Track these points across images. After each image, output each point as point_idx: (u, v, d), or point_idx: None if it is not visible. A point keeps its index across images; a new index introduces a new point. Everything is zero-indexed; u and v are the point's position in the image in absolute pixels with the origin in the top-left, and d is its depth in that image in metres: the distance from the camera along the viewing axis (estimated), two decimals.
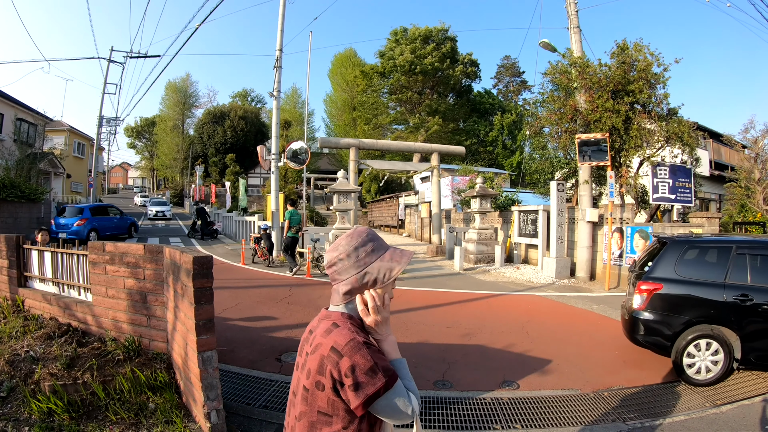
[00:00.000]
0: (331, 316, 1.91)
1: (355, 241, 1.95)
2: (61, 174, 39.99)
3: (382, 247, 1.98)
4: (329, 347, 1.74)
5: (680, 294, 6.90)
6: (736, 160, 27.87)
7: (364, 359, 1.69)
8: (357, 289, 1.92)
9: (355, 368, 1.67)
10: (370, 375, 1.68)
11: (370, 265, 1.91)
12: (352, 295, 1.94)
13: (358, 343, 1.72)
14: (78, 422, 4.63)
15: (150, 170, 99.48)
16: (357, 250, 1.92)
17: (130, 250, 5.72)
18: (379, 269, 1.91)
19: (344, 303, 1.96)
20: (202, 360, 4.47)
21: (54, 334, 6.32)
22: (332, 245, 2.01)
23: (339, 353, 1.70)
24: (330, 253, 1.98)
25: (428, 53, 51.83)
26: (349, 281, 1.91)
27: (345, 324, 1.84)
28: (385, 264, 1.92)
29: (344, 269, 1.93)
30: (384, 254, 1.95)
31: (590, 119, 15.43)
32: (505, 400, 5.98)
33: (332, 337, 1.77)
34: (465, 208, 25.50)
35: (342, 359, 1.69)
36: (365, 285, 1.91)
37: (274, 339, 8.58)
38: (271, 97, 21.35)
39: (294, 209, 17.12)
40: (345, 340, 1.73)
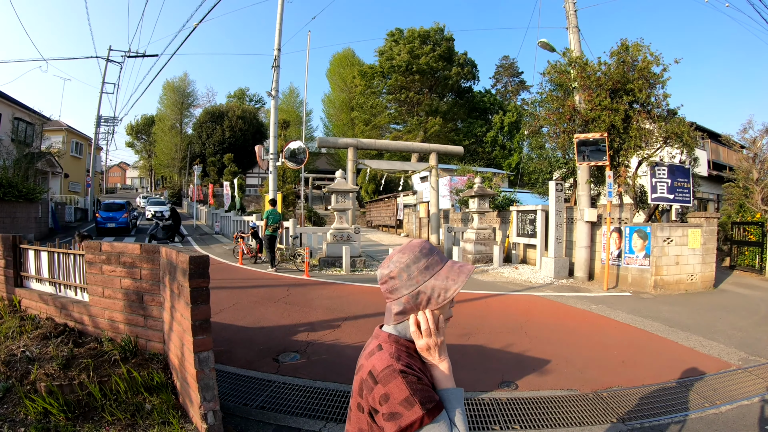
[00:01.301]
0: (380, 337, 1.83)
1: (407, 257, 1.80)
2: (58, 174, 39.89)
3: (438, 263, 1.81)
4: (368, 371, 1.67)
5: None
6: (734, 160, 27.93)
7: (398, 389, 1.56)
8: (410, 310, 1.78)
9: (389, 397, 1.56)
10: (405, 406, 1.54)
11: (424, 284, 1.76)
12: (406, 315, 1.80)
13: (394, 371, 1.60)
14: (74, 423, 4.60)
15: (148, 170, 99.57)
16: (409, 267, 1.78)
17: (126, 249, 5.70)
18: (433, 288, 1.75)
19: (397, 323, 1.83)
20: (198, 360, 4.44)
21: (50, 335, 6.30)
22: (385, 261, 1.88)
23: (374, 379, 1.62)
24: (381, 269, 1.85)
25: (425, 53, 51.89)
26: (400, 301, 1.78)
27: (388, 347, 1.73)
28: (440, 283, 1.75)
29: (396, 288, 1.79)
30: (440, 271, 1.79)
31: (589, 118, 15.42)
32: (503, 400, 5.96)
33: (372, 360, 1.69)
34: (463, 208, 25.55)
35: (376, 386, 1.60)
36: (419, 305, 1.76)
37: (271, 339, 8.55)
38: (269, 97, 21.38)
39: (273, 209, 18.48)
40: (382, 366, 1.63)
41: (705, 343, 8.69)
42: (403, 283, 1.77)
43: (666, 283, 14.21)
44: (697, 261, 14.74)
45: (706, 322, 10.50)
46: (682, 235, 14.52)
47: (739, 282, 16.36)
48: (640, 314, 11.04)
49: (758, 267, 17.98)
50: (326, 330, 9.11)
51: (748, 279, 17.12)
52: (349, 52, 71.24)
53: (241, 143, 63.69)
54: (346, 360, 7.23)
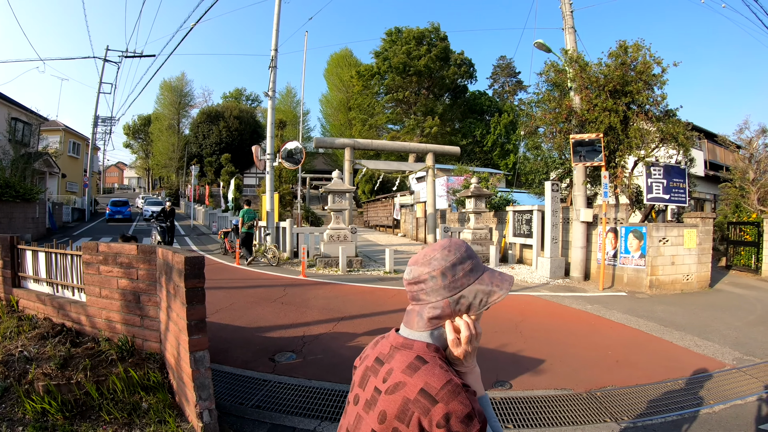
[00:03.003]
0: (414, 347, 1.59)
1: (454, 256, 1.61)
2: (56, 174, 39.89)
3: (480, 267, 1.65)
4: (418, 389, 1.43)
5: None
6: (730, 161, 27.99)
7: (462, 405, 1.39)
8: (447, 315, 1.60)
9: (451, 416, 1.38)
10: (466, 422, 1.38)
11: (467, 288, 1.59)
12: (441, 321, 1.61)
13: (457, 386, 1.43)
14: (71, 422, 4.63)
15: (145, 170, 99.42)
16: (455, 267, 1.60)
17: (123, 250, 5.72)
18: (476, 294, 1.59)
19: (428, 329, 1.62)
20: (194, 360, 4.47)
21: (48, 335, 6.33)
22: (422, 258, 1.67)
23: (432, 398, 1.40)
24: (419, 267, 1.65)
25: (422, 54, 51.92)
26: (438, 304, 1.59)
27: (434, 360, 1.53)
28: (484, 288, 1.60)
29: (435, 289, 1.60)
30: (482, 276, 1.63)
31: (586, 119, 15.45)
32: (497, 399, 5.98)
33: (421, 376, 1.46)
34: (460, 208, 25.57)
35: (436, 406, 1.39)
36: (457, 311, 1.59)
37: (267, 339, 8.58)
38: (266, 97, 21.39)
39: (249, 208, 20.00)
40: (440, 382, 1.43)
41: (700, 343, 8.72)
42: (446, 284, 1.59)
43: (662, 283, 14.24)
44: (692, 261, 14.77)
45: (701, 321, 10.53)
46: (678, 235, 14.55)
47: (735, 282, 16.40)
48: (635, 314, 11.07)
49: (754, 267, 18.03)
50: (322, 330, 9.12)
51: (744, 279, 17.17)
52: (347, 52, 71.30)
53: (238, 143, 63.64)
54: (341, 360, 7.25)
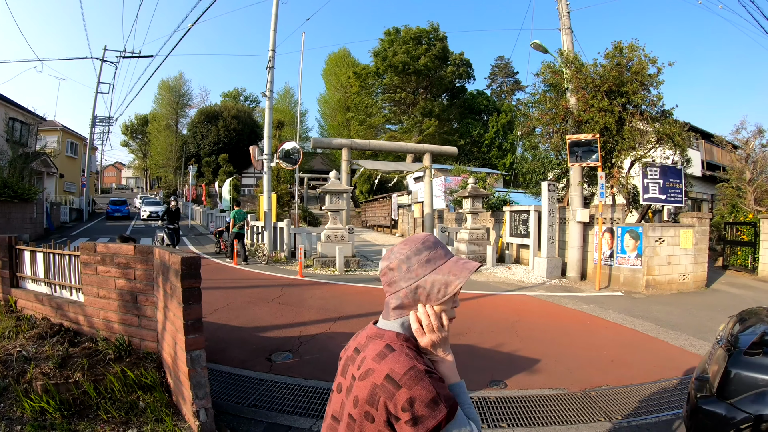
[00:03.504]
0: (384, 336, 1.68)
1: (409, 249, 1.72)
2: (53, 174, 39.87)
3: (441, 257, 1.73)
4: (383, 375, 1.51)
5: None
6: (728, 161, 28.00)
7: (425, 390, 1.46)
8: (408, 305, 1.70)
9: (415, 401, 1.44)
10: (431, 407, 1.45)
11: (423, 278, 1.67)
12: (404, 310, 1.71)
13: (419, 372, 1.49)
14: (70, 421, 4.67)
15: (143, 170, 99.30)
16: (409, 259, 1.70)
17: (120, 250, 5.76)
18: (433, 283, 1.67)
19: (397, 319, 1.72)
20: (190, 359, 4.52)
21: (46, 334, 6.36)
22: (387, 252, 1.81)
23: (396, 384, 1.48)
24: (383, 261, 1.79)
25: (421, 54, 51.95)
26: (399, 295, 1.71)
27: (401, 348, 1.61)
28: (441, 277, 1.67)
29: (394, 280, 1.72)
30: (442, 266, 1.70)
31: (582, 119, 15.51)
32: (492, 399, 6.03)
33: (387, 363, 1.54)
34: (457, 208, 25.59)
35: (399, 391, 1.46)
36: (417, 300, 1.69)
37: (264, 339, 8.63)
38: (263, 98, 21.41)
39: (239, 209, 20.49)
40: (403, 368, 1.50)
41: (695, 343, 8.76)
42: (402, 275, 1.70)
43: (658, 283, 14.29)
44: (689, 261, 14.82)
45: (697, 321, 10.57)
46: (674, 236, 14.60)
47: (731, 282, 16.45)
48: (631, 314, 11.12)
49: (751, 267, 18.07)
50: (319, 330, 9.16)
51: (740, 279, 17.22)
52: (345, 52, 71.28)
53: (236, 143, 63.56)
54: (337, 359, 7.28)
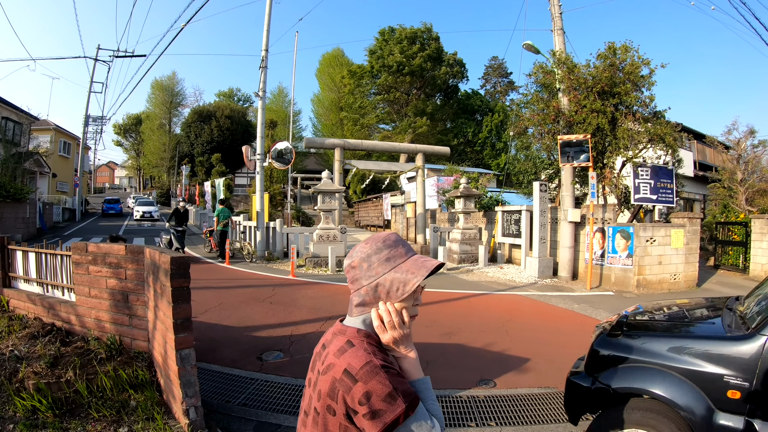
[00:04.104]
0: (346, 332, 1.71)
1: (370, 247, 1.76)
2: (46, 173, 39.76)
3: (402, 256, 1.76)
4: (342, 370, 1.55)
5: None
6: (720, 161, 28.11)
7: (381, 384, 1.49)
8: (369, 302, 1.74)
9: (371, 395, 1.47)
10: (389, 401, 1.47)
11: (383, 276, 1.71)
12: (366, 308, 1.75)
13: (375, 367, 1.52)
14: (61, 420, 4.70)
15: (136, 169, 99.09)
16: (370, 257, 1.74)
17: (111, 250, 5.79)
18: (392, 281, 1.69)
19: (359, 316, 1.76)
20: (180, 358, 4.56)
21: (38, 334, 6.38)
22: (350, 250, 1.85)
23: (353, 378, 1.51)
24: (346, 258, 1.83)
25: (415, 53, 51.94)
26: (360, 292, 1.74)
27: (361, 343, 1.63)
28: (400, 276, 1.69)
29: (356, 278, 1.76)
30: (402, 264, 1.73)
31: (574, 120, 15.57)
32: (481, 398, 6.08)
33: (346, 358, 1.57)
34: (450, 208, 25.64)
35: (356, 385, 1.50)
36: (377, 298, 1.72)
37: (255, 338, 8.68)
38: (256, 97, 21.43)
39: (223, 207, 20.86)
40: (360, 363, 1.53)
41: None
42: (363, 273, 1.74)
43: (649, 282, 14.36)
44: (680, 261, 14.89)
45: None
46: (665, 235, 14.67)
47: (722, 281, 16.54)
48: None
49: (742, 266, 18.17)
50: (310, 329, 9.21)
51: (731, 278, 17.31)
52: (339, 52, 71.20)
53: (230, 143, 63.38)
54: None
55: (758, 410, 3.31)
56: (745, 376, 3.37)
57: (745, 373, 3.37)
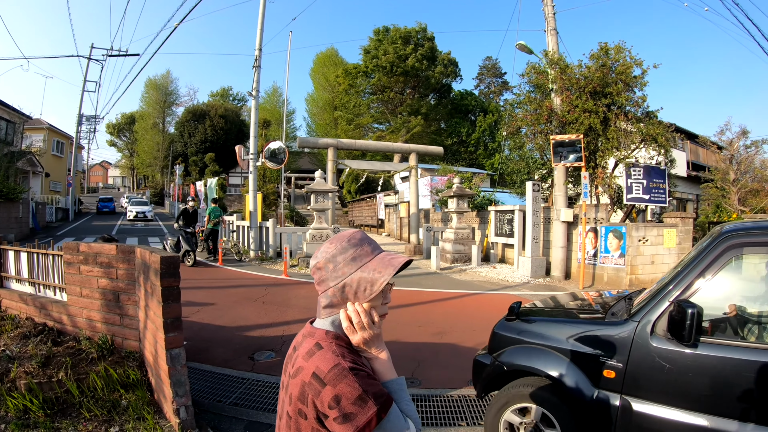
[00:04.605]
0: (315, 334, 1.69)
1: (335, 247, 1.72)
2: (39, 173, 39.55)
3: (368, 254, 1.72)
4: (310, 373, 1.53)
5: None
6: (713, 161, 28.17)
7: (350, 388, 1.46)
8: (337, 303, 1.71)
9: (341, 398, 1.45)
10: (359, 404, 1.45)
11: (349, 276, 1.67)
12: (334, 309, 1.72)
13: (343, 370, 1.50)
14: (53, 419, 4.72)
15: (130, 169, 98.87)
16: (335, 258, 1.70)
17: (102, 250, 5.80)
18: (359, 281, 1.66)
19: (327, 317, 1.73)
20: (170, 357, 4.58)
21: (30, 334, 6.38)
22: (316, 252, 1.79)
23: (321, 381, 1.49)
24: (312, 259, 1.78)
25: (409, 53, 51.97)
26: (327, 294, 1.71)
27: (329, 345, 1.61)
28: (367, 275, 1.66)
29: (323, 279, 1.72)
30: (368, 263, 1.70)
31: (567, 120, 15.61)
32: (472, 397, 6.10)
33: (314, 361, 1.56)
34: (443, 208, 25.68)
35: (325, 388, 1.48)
36: (345, 299, 1.69)
37: (248, 338, 8.71)
38: (250, 97, 21.44)
39: (215, 206, 20.62)
40: (328, 366, 1.51)
41: None
42: (329, 274, 1.70)
43: (641, 281, 14.37)
44: (672, 260, 14.90)
45: None
46: (658, 235, 14.72)
47: None
48: None
49: None
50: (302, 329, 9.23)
51: None
52: (333, 51, 71.18)
53: (224, 142, 63.10)
54: None
55: (632, 388, 3.69)
56: (619, 358, 3.77)
57: (619, 354, 3.78)
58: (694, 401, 3.46)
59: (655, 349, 3.60)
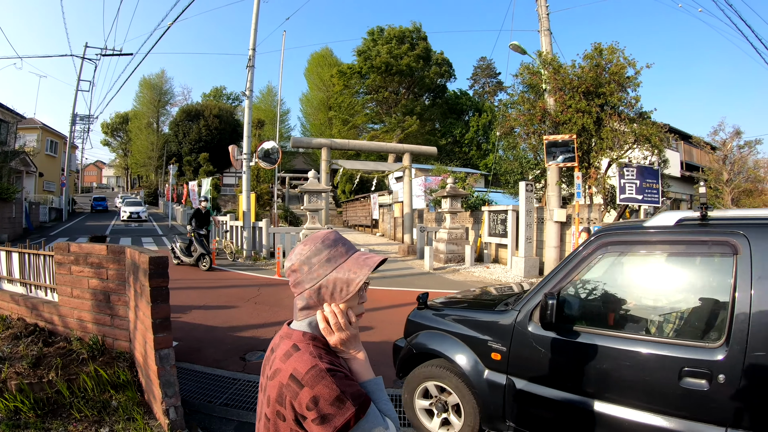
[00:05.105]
0: (292, 336, 1.68)
1: (309, 249, 1.72)
2: (33, 173, 39.52)
3: (343, 255, 1.72)
4: (288, 375, 1.53)
5: None
6: (706, 162, 28.27)
7: (328, 389, 1.47)
8: (314, 305, 1.70)
9: (318, 400, 1.46)
10: (337, 405, 1.46)
11: (325, 278, 1.67)
12: (311, 311, 1.71)
13: (320, 371, 1.50)
14: (43, 420, 4.72)
15: (124, 168, 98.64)
16: (310, 259, 1.70)
17: (93, 250, 5.80)
18: (335, 282, 1.67)
19: (305, 319, 1.73)
20: (159, 357, 4.59)
21: (21, 334, 6.39)
22: (290, 252, 1.80)
23: (299, 383, 1.50)
24: (286, 261, 1.77)
25: (404, 53, 52.01)
26: (303, 296, 1.71)
27: (306, 347, 1.61)
28: (342, 276, 1.67)
29: (299, 281, 1.71)
30: (343, 263, 1.70)
31: (560, 120, 15.64)
32: None
33: (291, 362, 1.56)
34: (437, 208, 25.69)
35: (302, 390, 1.48)
36: (322, 300, 1.69)
37: (239, 338, 8.72)
38: (244, 97, 21.43)
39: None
40: (305, 368, 1.52)
41: None
42: (304, 276, 1.70)
43: None
44: None
45: None
46: None
47: None
48: None
49: None
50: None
51: None
52: (327, 51, 71.10)
53: (218, 142, 62.87)
54: None
55: (515, 369, 4.23)
56: (504, 343, 4.31)
57: (504, 340, 4.31)
58: (562, 381, 3.95)
59: (531, 335, 4.09)
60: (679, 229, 3.72)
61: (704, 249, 3.62)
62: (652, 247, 3.90)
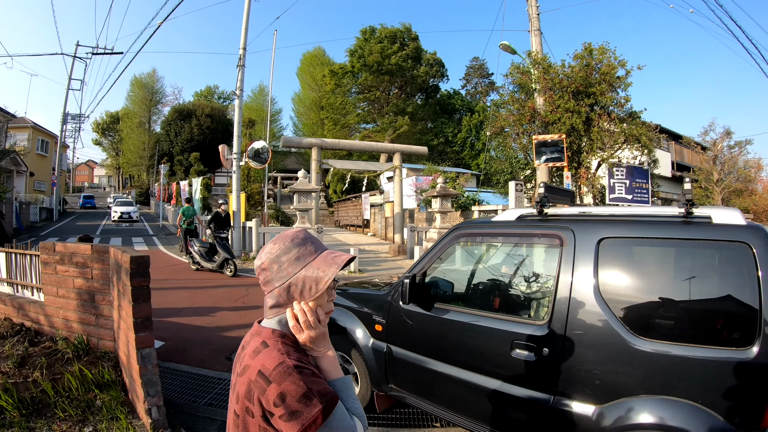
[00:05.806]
0: (262, 333, 1.71)
1: (278, 247, 1.74)
2: (23, 172, 39.36)
3: (311, 254, 1.75)
4: (256, 371, 1.56)
5: None
6: (697, 162, 28.39)
7: (295, 385, 1.49)
8: (284, 303, 1.72)
9: (286, 396, 1.48)
10: (304, 402, 1.49)
11: (294, 276, 1.70)
12: (281, 309, 1.73)
13: (288, 368, 1.52)
14: (28, 419, 4.74)
15: (116, 168, 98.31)
16: (279, 258, 1.72)
17: (78, 250, 5.80)
18: (304, 281, 1.69)
19: (275, 317, 1.75)
20: (141, 357, 4.61)
21: (7, 334, 6.38)
22: (260, 251, 1.85)
23: (267, 379, 1.52)
24: (256, 260, 1.80)
25: (394, 53, 52.05)
26: (273, 294, 1.72)
27: (275, 344, 1.64)
28: (311, 274, 1.69)
29: (269, 280, 1.73)
30: (312, 262, 1.72)
31: (549, 120, 15.69)
32: None
33: (260, 359, 1.58)
34: (428, 208, 25.72)
35: (270, 386, 1.51)
36: (292, 298, 1.71)
37: (226, 338, 8.75)
38: (234, 96, 21.42)
39: (189, 206, 20.64)
40: (273, 364, 1.54)
41: None
42: (274, 275, 1.72)
43: None
44: None
45: None
46: None
47: None
48: None
49: None
50: None
51: None
52: (320, 51, 71.09)
53: (210, 141, 62.66)
54: None
55: (391, 338, 5.01)
56: (383, 316, 5.10)
57: (383, 313, 5.10)
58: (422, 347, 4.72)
59: (402, 309, 4.85)
60: (520, 223, 4.43)
61: (537, 240, 4.37)
62: (494, 239, 4.90)
